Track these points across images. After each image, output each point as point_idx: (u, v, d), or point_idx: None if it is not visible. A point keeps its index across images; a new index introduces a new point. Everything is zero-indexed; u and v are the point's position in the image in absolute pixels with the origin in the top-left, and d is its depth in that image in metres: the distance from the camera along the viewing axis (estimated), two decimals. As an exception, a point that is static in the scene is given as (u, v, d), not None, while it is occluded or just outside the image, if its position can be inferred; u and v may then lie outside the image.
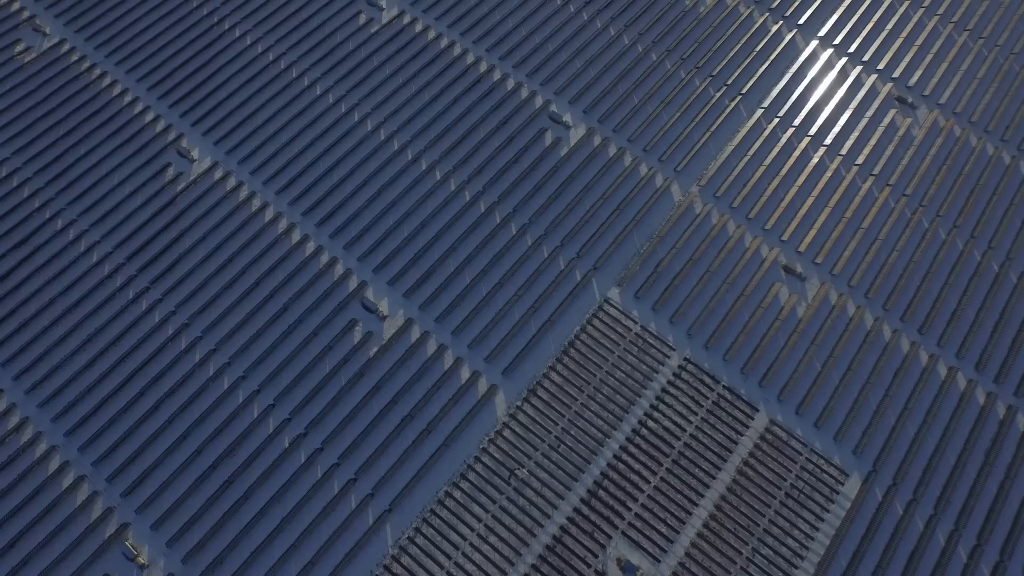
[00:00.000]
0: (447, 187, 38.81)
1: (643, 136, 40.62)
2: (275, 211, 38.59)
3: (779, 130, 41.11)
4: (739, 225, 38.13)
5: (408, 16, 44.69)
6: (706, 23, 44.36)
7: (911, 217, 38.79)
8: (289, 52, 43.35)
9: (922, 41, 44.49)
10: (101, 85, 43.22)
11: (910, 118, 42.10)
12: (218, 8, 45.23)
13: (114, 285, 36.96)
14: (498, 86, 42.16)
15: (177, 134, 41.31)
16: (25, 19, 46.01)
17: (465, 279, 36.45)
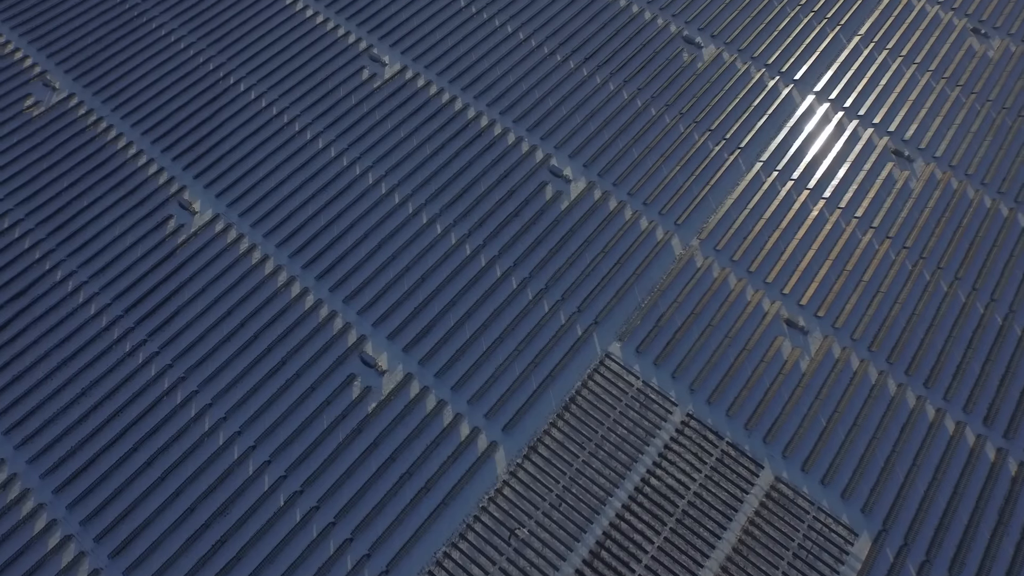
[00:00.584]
0: (447, 240, 38.86)
1: (643, 190, 40.89)
2: (275, 264, 38.56)
3: (778, 183, 41.41)
4: (740, 279, 38.06)
5: (410, 71, 45.54)
6: (704, 78, 45.14)
7: (912, 269, 38.75)
8: (292, 106, 44.00)
9: (916, 96, 45.19)
10: (107, 138, 43.76)
11: (907, 171, 42.45)
12: (224, 64, 46.11)
13: (111, 337, 36.67)
14: (498, 140, 42.62)
15: (180, 186, 41.61)
16: (36, 75, 46.92)
17: (465, 333, 36.19)
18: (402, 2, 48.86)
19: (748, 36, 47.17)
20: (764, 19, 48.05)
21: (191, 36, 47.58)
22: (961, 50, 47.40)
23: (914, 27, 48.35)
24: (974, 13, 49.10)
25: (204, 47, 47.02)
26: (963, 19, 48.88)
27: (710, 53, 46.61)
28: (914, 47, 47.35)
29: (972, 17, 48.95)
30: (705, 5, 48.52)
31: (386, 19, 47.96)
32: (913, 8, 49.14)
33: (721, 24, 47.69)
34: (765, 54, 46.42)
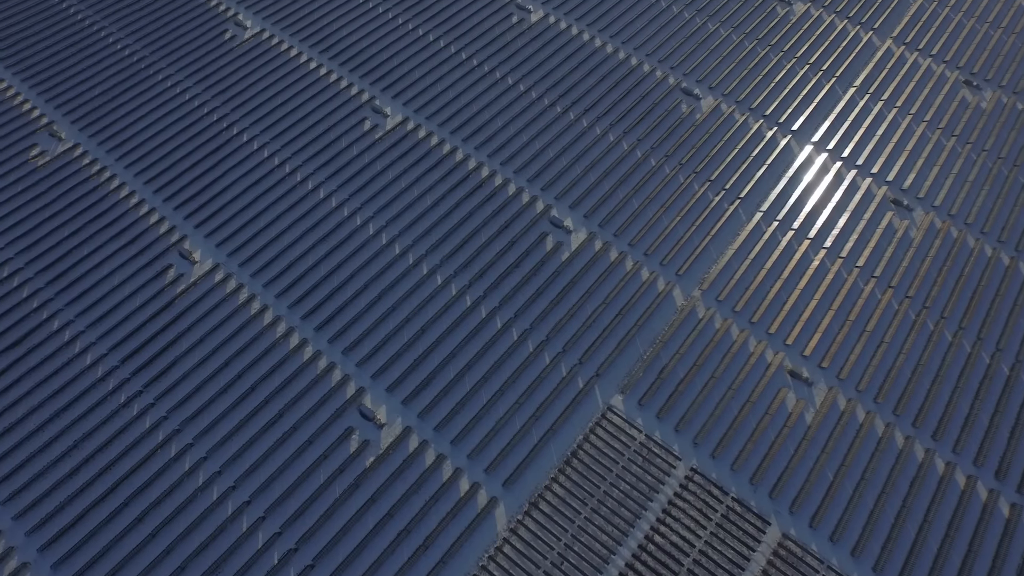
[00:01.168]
0: (448, 292, 38.67)
1: (644, 240, 40.88)
2: (274, 314, 38.31)
3: (779, 233, 41.43)
4: (742, 329, 37.75)
5: (412, 123, 46.03)
6: (703, 129, 45.62)
7: (915, 319, 38.46)
8: (294, 157, 44.37)
9: (912, 146, 45.58)
10: (109, 188, 44.01)
11: (907, 220, 42.53)
12: (228, 115, 46.68)
13: (106, 388, 36.20)
14: (499, 191, 42.81)
15: (181, 236, 41.66)
16: (43, 125, 47.50)
17: (465, 386, 35.69)
18: (404, 55, 49.75)
19: (746, 88, 47.86)
20: (761, 71, 48.83)
21: (196, 87, 48.30)
22: (955, 101, 48.05)
23: (908, 79, 49.11)
24: (965, 66, 49.93)
25: (209, 98, 47.70)
26: (955, 72, 49.67)
27: (708, 104, 47.23)
28: (908, 98, 48.00)
29: (964, 70, 49.75)
30: (703, 57, 49.35)
31: (388, 71, 48.76)
32: (906, 61, 49.99)
33: (719, 76, 48.42)
34: (763, 105, 47.02)
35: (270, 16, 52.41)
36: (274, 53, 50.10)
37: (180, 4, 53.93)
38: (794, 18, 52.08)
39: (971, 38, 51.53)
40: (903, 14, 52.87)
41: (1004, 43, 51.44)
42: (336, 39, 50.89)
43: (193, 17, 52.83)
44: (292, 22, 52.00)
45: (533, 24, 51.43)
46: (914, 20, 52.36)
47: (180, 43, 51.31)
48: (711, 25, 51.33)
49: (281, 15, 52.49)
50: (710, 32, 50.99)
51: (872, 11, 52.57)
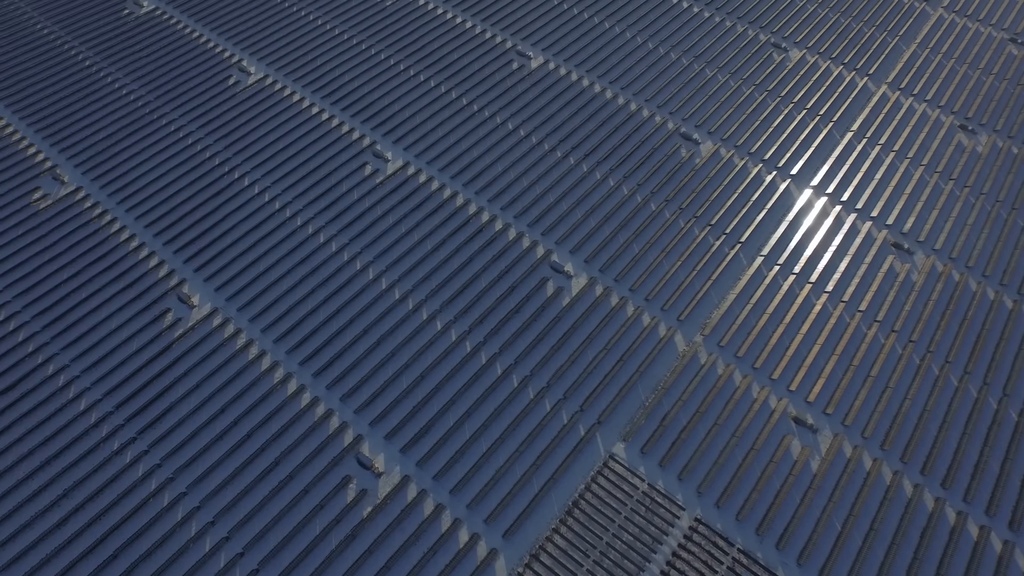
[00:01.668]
0: (447, 337, 38.33)
1: (644, 285, 40.68)
2: (272, 360, 37.90)
3: (780, 277, 41.27)
4: (745, 375, 37.31)
5: (412, 167, 46.29)
6: (702, 173, 45.85)
7: (920, 364, 38.05)
8: (295, 201, 44.48)
9: (911, 189, 45.74)
10: (109, 231, 44.03)
11: (908, 264, 42.43)
12: (229, 159, 46.99)
13: (99, 435, 35.60)
14: (499, 235, 42.75)
15: (180, 279, 41.50)
16: (46, 168, 47.79)
17: (465, 434, 35.09)
18: (405, 100, 50.33)
19: (744, 132, 48.27)
20: (759, 116, 49.32)
21: (199, 132, 48.72)
22: (951, 145, 48.41)
23: (904, 123, 49.58)
24: (960, 110, 50.45)
25: (212, 142, 48.08)
26: (950, 116, 50.17)
27: (708, 149, 47.55)
28: (905, 142, 48.38)
29: (959, 114, 50.26)
30: (702, 103, 49.91)
31: (389, 116, 49.24)
32: (902, 106, 50.55)
33: (717, 121, 48.88)
34: (761, 149, 47.35)
35: (274, 62, 53.22)
36: (277, 98, 50.71)
37: (186, 50, 54.82)
38: (790, 64, 52.85)
39: (964, 84, 52.20)
40: (897, 60, 53.67)
41: (996, 89, 52.09)
42: (338, 84, 51.59)
43: (198, 63, 53.63)
44: (295, 68, 52.79)
45: (533, 70, 52.19)
46: (908, 66, 53.12)
47: (185, 88, 51.98)
48: (709, 71, 52.06)
49: (284, 61, 53.31)
50: (708, 78, 51.66)
51: (867, 57, 53.38)
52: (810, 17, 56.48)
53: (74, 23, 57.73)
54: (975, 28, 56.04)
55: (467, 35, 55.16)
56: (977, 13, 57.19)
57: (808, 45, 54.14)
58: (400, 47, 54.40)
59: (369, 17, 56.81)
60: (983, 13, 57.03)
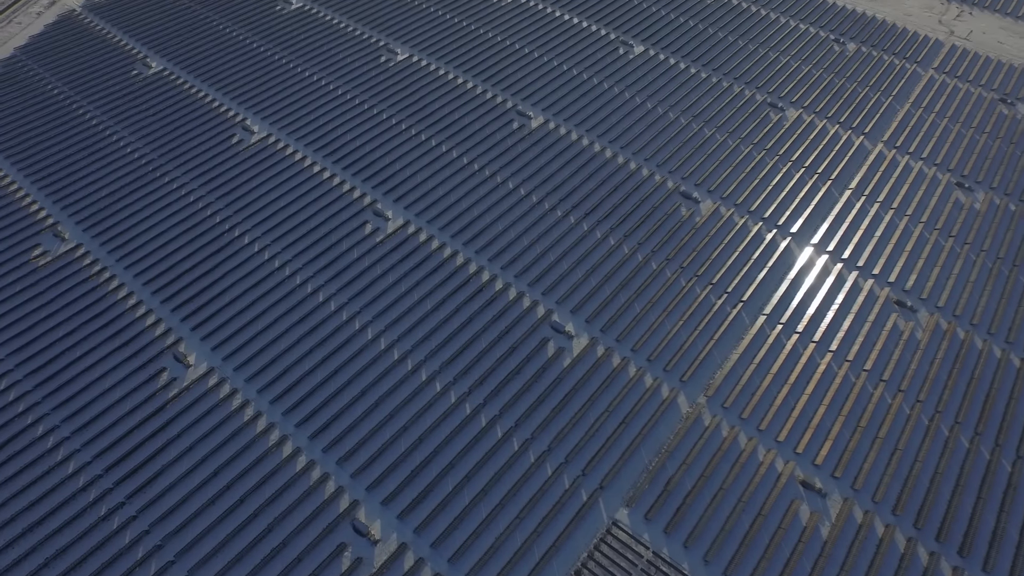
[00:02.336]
0: (447, 400, 37.62)
1: (647, 346, 40.17)
2: (268, 421, 37.12)
3: (783, 336, 40.83)
4: (751, 438, 36.47)
5: (413, 226, 46.33)
6: (703, 232, 45.86)
7: (928, 424, 37.24)
8: (294, 259, 44.36)
9: (911, 246, 45.69)
10: (107, 288, 43.79)
11: (912, 321, 42.03)
12: (230, 216, 47.13)
13: (87, 499, 34.59)
14: (500, 295, 42.46)
15: (176, 338, 41.05)
16: (48, 225, 47.90)
17: (464, 499, 34.04)
18: (407, 159, 50.80)
19: (744, 191, 48.54)
20: (758, 174, 49.68)
21: (202, 190, 48.99)
22: (949, 203, 48.62)
23: (901, 181, 49.91)
24: (956, 168, 50.86)
25: (213, 200, 48.29)
26: (946, 174, 50.55)
27: (707, 207, 47.72)
28: (904, 200, 48.60)
29: (955, 172, 50.65)
30: (700, 162, 50.34)
31: (391, 175, 49.61)
32: (898, 164, 50.99)
33: (717, 179, 49.21)
34: (761, 208, 47.52)
35: (277, 121, 53.99)
36: (279, 157, 51.20)
37: (191, 109, 55.66)
38: (787, 123, 53.57)
39: (958, 142, 52.79)
40: (891, 119, 54.42)
41: (990, 147, 52.65)
42: (340, 143, 52.18)
43: (203, 122, 54.38)
44: (298, 127, 53.51)
45: (534, 130, 52.84)
46: (902, 125, 53.83)
47: (189, 146, 52.56)
48: (707, 130, 52.72)
49: (287, 120, 54.09)
50: (707, 137, 52.28)
51: (862, 116, 54.14)
52: (805, 78, 57.55)
53: (85, 84, 58.81)
54: (965, 89, 57.04)
55: (468, 95, 56.12)
56: (967, 74, 58.30)
57: (804, 105, 55.03)
58: (402, 107, 55.27)
59: (372, 78, 57.92)
60: (972, 74, 58.14)
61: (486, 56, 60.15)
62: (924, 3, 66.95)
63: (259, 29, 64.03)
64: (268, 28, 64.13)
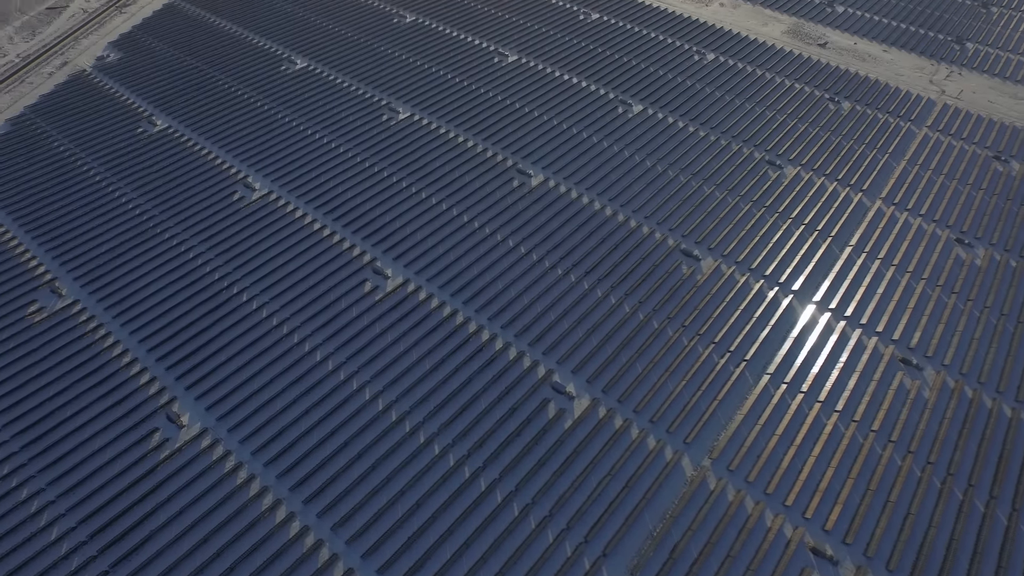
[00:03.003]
0: (445, 462, 36.61)
1: (649, 406, 39.39)
2: (261, 485, 36.06)
3: (788, 396, 40.12)
4: (758, 502, 35.39)
5: (412, 284, 46.07)
6: (704, 290, 45.58)
7: (941, 487, 36.19)
8: (292, 318, 43.96)
9: (914, 303, 45.36)
10: (102, 346, 43.29)
11: (918, 380, 41.36)
12: (229, 273, 46.95)
13: (68, 568, 33.30)
14: (499, 355, 41.83)
15: (170, 397, 40.33)
16: (45, 281, 47.73)
17: (463, 567, 32.69)
18: (406, 217, 50.92)
19: (744, 248, 48.48)
20: (758, 232, 49.74)
21: (201, 246, 48.99)
22: (950, 259, 48.56)
23: (901, 237, 49.96)
24: (955, 224, 50.99)
25: (212, 256, 48.23)
26: (945, 230, 50.65)
27: (709, 265, 47.57)
28: (905, 256, 48.53)
29: (954, 228, 50.75)
30: (700, 219, 50.46)
31: (390, 233, 49.64)
32: (897, 220, 51.15)
33: (717, 237, 49.22)
34: (762, 265, 47.38)
35: (279, 179, 54.45)
36: (279, 214, 51.40)
37: (194, 166, 56.24)
38: (786, 180, 54.00)
39: (956, 199, 53.09)
40: (888, 176, 54.87)
41: (987, 203, 52.92)
42: (340, 201, 52.45)
43: (205, 178, 54.86)
44: (299, 184, 53.92)
45: (534, 188, 53.19)
46: (900, 182, 54.22)
47: (190, 203, 52.86)
48: (707, 188, 53.04)
49: (288, 178, 54.55)
50: (706, 195, 52.55)
51: (859, 174, 54.60)
52: (802, 136, 58.32)
53: (90, 141, 59.62)
54: (959, 146, 57.74)
55: (468, 153, 56.73)
56: (960, 132, 59.12)
57: (802, 162, 55.58)
58: (402, 165, 55.78)
59: (373, 136, 58.71)
60: (965, 132, 58.95)
61: (486, 115, 61.11)
62: (914, 64, 68.48)
63: (263, 88, 65.31)
64: (272, 87, 65.43)
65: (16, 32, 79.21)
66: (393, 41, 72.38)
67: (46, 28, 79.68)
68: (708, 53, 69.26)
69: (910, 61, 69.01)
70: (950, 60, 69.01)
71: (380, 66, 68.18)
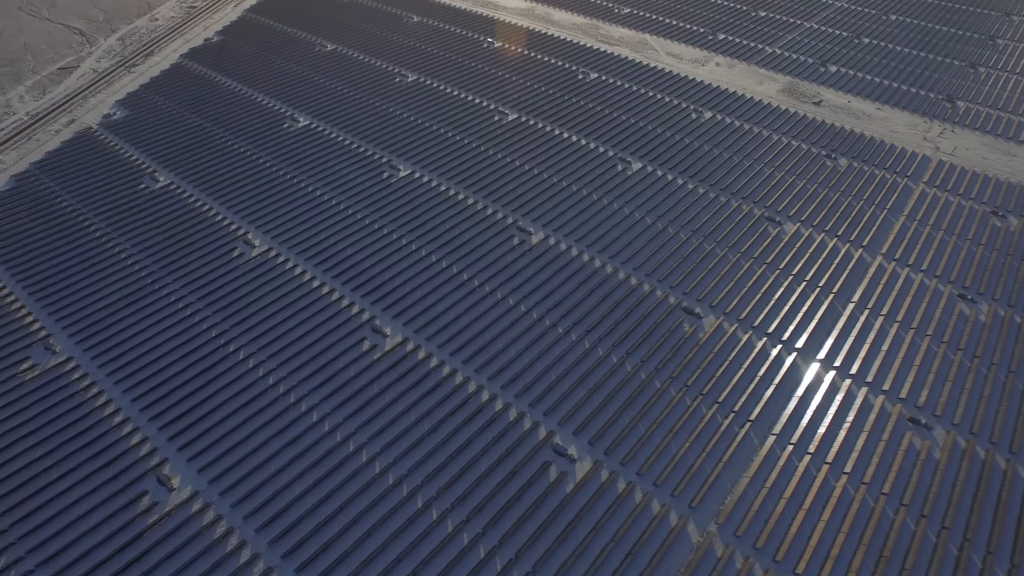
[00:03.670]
0: (444, 528, 35.30)
1: (652, 469, 38.27)
2: (252, 552, 34.69)
3: (795, 457, 39.07)
4: (767, 569, 33.98)
5: (411, 343, 45.46)
6: (706, 349, 44.93)
7: (959, 555, 34.83)
8: (289, 377, 43.20)
9: (920, 360, 44.67)
10: (94, 405, 42.44)
11: (928, 440, 40.36)
12: (226, 331, 46.41)
13: (50, 643, 31.85)
14: (499, 416, 40.87)
15: (161, 458, 39.27)
16: (40, 338, 47.19)
17: (460, 644, 31.37)
18: (406, 275, 50.71)
19: (746, 306, 48.02)
20: (759, 289, 49.38)
21: (199, 303, 48.59)
22: (953, 314, 48.11)
23: (904, 293, 49.61)
24: (956, 280, 50.71)
25: (210, 314, 47.77)
26: (948, 286, 50.35)
27: (710, 323, 47.04)
28: (908, 312, 48.06)
29: (956, 284, 50.45)
30: (701, 276, 50.17)
31: (390, 291, 49.33)
32: (899, 276, 50.92)
33: (719, 295, 48.83)
34: (765, 323, 46.84)
35: (279, 235, 54.47)
36: (279, 271, 51.17)
37: (195, 222, 56.35)
38: (786, 237, 54.00)
39: (956, 254, 52.98)
40: (888, 232, 54.90)
41: (988, 259, 52.80)
42: (340, 258, 52.33)
43: (205, 235, 54.89)
44: (299, 241, 53.90)
45: (534, 245, 53.08)
46: (899, 238, 54.23)
47: (189, 259, 52.72)
48: (707, 245, 52.94)
49: (289, 234, 54.58)
50: (707, 252, 52.42)
51: (859, 230, 54.63)
52: (800, 192, 58.65)
53: (92, 197, 59.98)
54: (957, 202, 58.01)
55: (468, 211, 56.90)
56: (956, 188, 59.48)
57: (801, 219, 55.69)
58: (402, 222, 55.90)
59: (374, 193, 59.07)
60: (962, 188, 59.32)
61: (487, 173, 61.61)
62: (908, 121, 69.49)
63: (266, 146, 66.11)
64: (275, 145, 66.23)
65: (27, 91, 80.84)
66: (395, 100, 73.69)
67: (56, 87, 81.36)
68: (706, 111, 70.41)
69: (903, 119, 70.05)
70: (942, 118, 70.05)
71: (382, 124, 69.18)
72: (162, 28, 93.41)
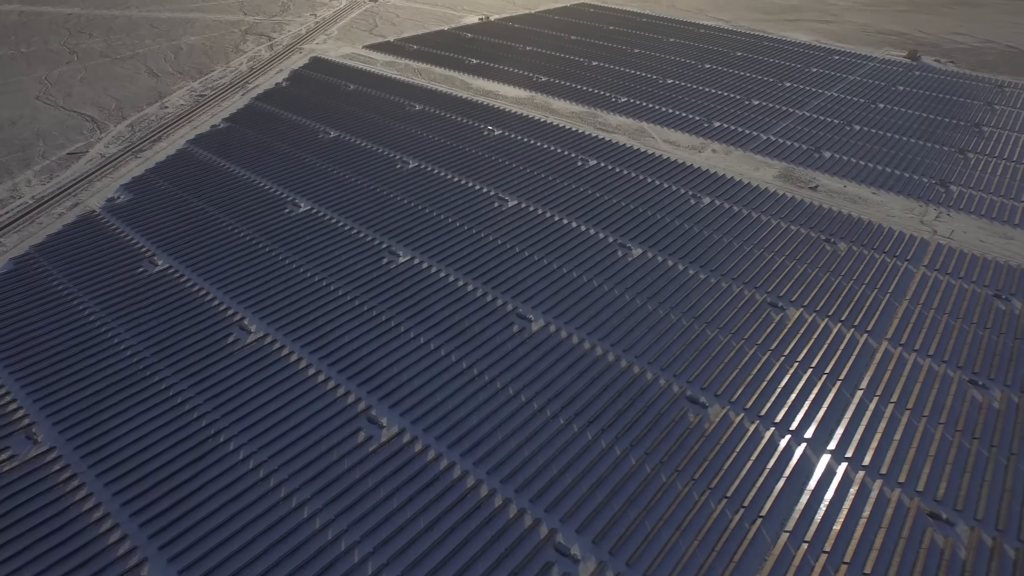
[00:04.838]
0: (438, 641, 33.09)
1: (660, 570, 36.00)
2: (230, 667, 32.29)
3: (811, 557, 36.89)
4: None
5: (408, 435, 43.82)
6: (713, 439, 43.35)
7: (992, 668, 32.35)
8: (280, 469, 41.30)
9: (935, 450, 43.04)
10: (72, 499, 40.31)
11: (951, 537, 38.25)
12: (216, 420, 44.90)
13: None
14: (499, 513, 38.85)
15: (140, 559, 36.90)
16: (22, 427, 45.54)
17: None
18: (404, 363, 49.53)
19: (752, 394, 46.71)
20: (765, 376, 48.24)
21: (191, 391, 47.22)
22: (965, 401, 46.81)
23: (913, 379, 48.47)
24: (966, 365, 49.72)
25: (201, 402, 46.26)
26: (957, 371, 49.30)
27: (716, 412, 45.61)
28: (919, 399, 46.77)
29: (965, 369, 49.43)
30: (705, 364, 49.10)
31: (387, 379, 48.07)
32: (906, 361, 49.94)
33: (723, 383, 47.60)
34: (772, 412, 45.41)
35: (275, 321, 53.63)
36: (274, 358, 50.06)
37: (191, 307, 55.69)
38: (789, 323, 53.34)
39: (962, 338, 52.22)
40: (892, 317, 54.32)
41: (995, 343, 51.99)
42: (337, 345, 51.28)
43: (201, 319, 54.11)
44: (296, 327, 53.02)
45: (534, 333, 52.30)
46: (904, 322, 53.60)
47: (183, 344, 51.70)
48: (710, 332, 52.12)
49: (286, 320, 53.70)
50: (709, 339, 51.55)
51: (862, 314, 54.08)
52: (801, 277, 58.46)
53: (90, 281, 59.56)
54: (959, 285, 57.79)
55: (468, 298, 56.37)
56: (957, 271, 59.44)
57: (804, 304, 55.21)
58: (401, 308, 55.17)
59: (373, 279, 58.74)
60: (962, 271, 59.28)
61: (486, 259, 61.51)
62: (904, 205, 70.36)
63: (266, 230, 66.40)
64: (275, 229, 66.54)
65: (35, 175, 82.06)
66: (395, 185, 74.70)
67: (64, 172, 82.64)
68: (704, 197, 71.28)
69: (899, 203, 71.00)
70: (937, 202, 71.01)
71: (382, 210, 69.81)
72: (171, 115, 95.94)
